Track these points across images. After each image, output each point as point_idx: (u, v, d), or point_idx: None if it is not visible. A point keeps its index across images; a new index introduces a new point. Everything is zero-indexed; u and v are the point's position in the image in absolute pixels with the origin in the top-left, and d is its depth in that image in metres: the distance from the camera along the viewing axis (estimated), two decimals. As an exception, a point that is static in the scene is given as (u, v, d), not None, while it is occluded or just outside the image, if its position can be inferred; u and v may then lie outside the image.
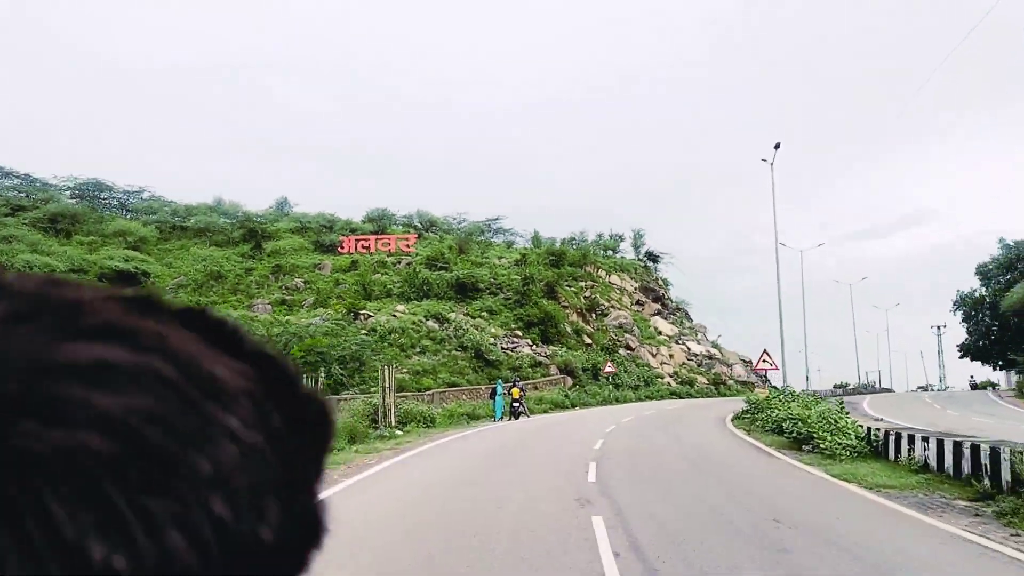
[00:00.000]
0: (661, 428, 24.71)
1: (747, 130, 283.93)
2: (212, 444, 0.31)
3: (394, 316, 48.62)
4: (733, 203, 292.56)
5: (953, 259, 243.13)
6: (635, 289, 79.94)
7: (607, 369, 52.46)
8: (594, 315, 65.96)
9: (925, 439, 12.64)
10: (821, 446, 14.67)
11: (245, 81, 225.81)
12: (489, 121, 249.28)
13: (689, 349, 73.31)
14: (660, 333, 73.38)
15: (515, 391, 32.29)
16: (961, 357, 75.62)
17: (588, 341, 59.26)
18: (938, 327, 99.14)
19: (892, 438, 13.97)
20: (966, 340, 75.49)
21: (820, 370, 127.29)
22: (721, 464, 14.25)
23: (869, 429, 15.30)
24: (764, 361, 29.23)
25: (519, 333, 52.42)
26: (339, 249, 66.69)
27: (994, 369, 76.41)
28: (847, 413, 16.76)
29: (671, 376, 65.54)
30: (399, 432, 24.09)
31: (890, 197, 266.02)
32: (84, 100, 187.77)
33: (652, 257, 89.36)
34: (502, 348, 48.99)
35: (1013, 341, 68.23)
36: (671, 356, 69.68)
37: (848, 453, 14.05)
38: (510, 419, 31.50)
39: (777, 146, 29.21)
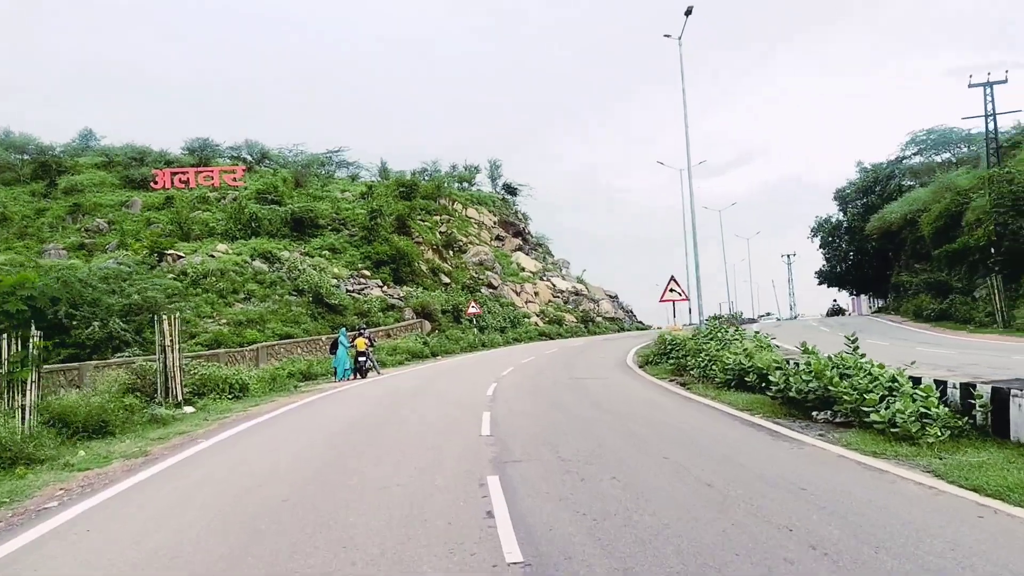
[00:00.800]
0: (561, 383, 18.67)
1: (590, 68, 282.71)
2: None
3: (212, 256, 40.11)
4: (571, 143, 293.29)
5: (784, 194, 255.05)
6: (494, 223, 74.10)
7: (471, 310, 46.57)
8: (452, 252, 59.46)
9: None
10: (871, 419, 8.64)
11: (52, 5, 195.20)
12: (334, 55, 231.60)
13: (554, 286, 68.55)
14: (523, 269, 68.15)
15: (360, 342, 25.24)
16: (820, 283, 75.31)
17: (446, 280, 52.88)
18: (788, 255, 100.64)
19: (1018, 403, 7.56)
20: (823, 266, 75.12)
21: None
22: (727, 461, 8.02)
23: (944, 386, 8.81)
24: (671, 291, 23.71)
25: (367, 273, 45.26)
26: (152, 184, 57.63)
27: (851, 295, 76.85)
28: (863, 355, 10.92)
29: (538, 316, 60.54)
30: (188, 410, 16.69)
31: (722, 138, 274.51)
32: None
33: (510, 189, 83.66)
34: (347, 291, 41.86)
35: (871, 265, 67.95)
36: (536, 294, 64.59)
37: (938, 432, 7.94)
38: (356, 377, 24.73)
39: (688, 12, 22.55)
